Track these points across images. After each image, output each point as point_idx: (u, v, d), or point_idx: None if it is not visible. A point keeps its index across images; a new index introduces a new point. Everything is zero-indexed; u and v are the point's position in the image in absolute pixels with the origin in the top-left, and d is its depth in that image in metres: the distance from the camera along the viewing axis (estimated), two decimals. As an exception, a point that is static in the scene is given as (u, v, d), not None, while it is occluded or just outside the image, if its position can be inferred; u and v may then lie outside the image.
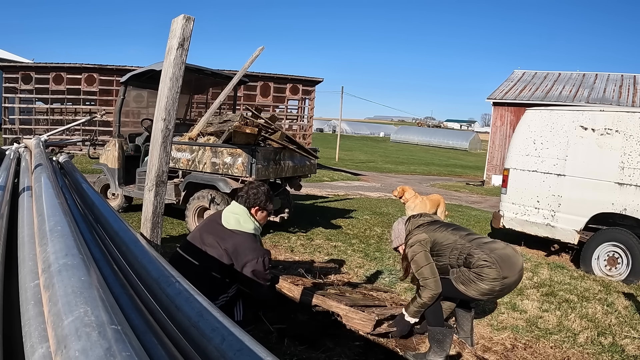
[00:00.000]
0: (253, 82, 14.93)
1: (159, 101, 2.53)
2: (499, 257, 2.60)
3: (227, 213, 2.81)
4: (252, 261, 2.68)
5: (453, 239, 2.74)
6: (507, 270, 2.59)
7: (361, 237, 5.81)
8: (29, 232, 1.43)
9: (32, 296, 0.98)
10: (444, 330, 2.71)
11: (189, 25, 2.46)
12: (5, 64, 16.55)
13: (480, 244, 2.69)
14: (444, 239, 2.76)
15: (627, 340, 3.16)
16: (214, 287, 2.67)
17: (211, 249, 2.68)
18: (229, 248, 2.66)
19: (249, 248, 2.70)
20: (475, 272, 2.62)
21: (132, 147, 6.28)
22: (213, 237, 2.72)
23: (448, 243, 2.74)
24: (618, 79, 18.26)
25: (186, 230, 5.19)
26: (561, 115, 5.45)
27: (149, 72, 5.52)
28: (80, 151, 13.25)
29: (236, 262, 2.68)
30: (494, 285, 2.59)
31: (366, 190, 12.21)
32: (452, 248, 2.73)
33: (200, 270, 2.66)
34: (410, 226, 2.91)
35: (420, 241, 2.77)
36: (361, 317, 2.81)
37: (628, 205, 4.85)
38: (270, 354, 0.97)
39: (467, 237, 2.75)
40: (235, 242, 2.68)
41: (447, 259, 2.75)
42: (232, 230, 2.73)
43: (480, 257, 2.61)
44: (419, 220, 2.92)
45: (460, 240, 2.73)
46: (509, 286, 2.66)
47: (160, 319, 1.30)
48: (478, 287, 2.61)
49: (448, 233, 2.79)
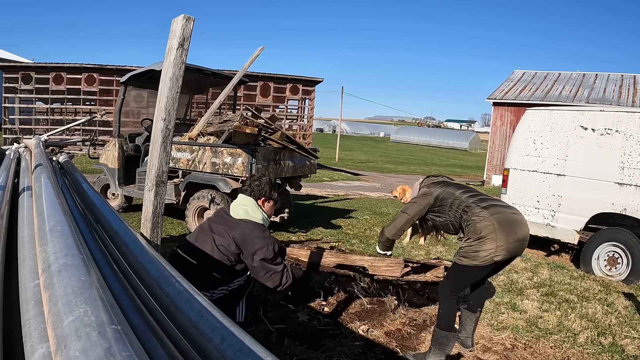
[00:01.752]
0: (253, 82, 14.93)
1: (159, 101, 2.53)
2: (497, 216, 2.59)
3: (235, 205, 2.79)
4: (262, 249, 2.63)
5: (457, 194, 2.77)
6: (505, 231, 2.56)
7: (361, 237, 5.81)
8: (29, 232, 1.43)
9: (32, 296, 0.98)
10: (449, 334, 2.68)
11: (189, 25, 2.46)
12: (5, 64, 16.55)
13: (481, 200, 2.70)
14: (449, 195, 2.79)
15: (627, 340, 3.16)
16: (216, 278, 2.63)
17: (219, 237, 2.65)
18: (237, 237, 2.63)
19: (258, 236, 2.66)
20: (471, 235, 2.60)
21: (132, 147, 6.28)
22: (222, 226, 2.69)
23: (450, 198, 2.77)
24: (618, 79, 18.26)
25: (186, 230, 5.19)
26: (561, 115, 5.45)
27: (149, 72, 5.52)
28: (80, 151, 13.26)
29: (245, 251, 2.64)
30: (491, 248, 2.54)
31: (366, 190, 12.21)
32: (452, 202, 2.76)
33: (206, 258, 2.63)
34: (424, 184, 3.00)
35: (424, 194, 2.88)
36: (388, 263, 2.78)
37: (628, 205, 4.85)
38: (270, 354, 0.97)
39: (472, 195, 2.76)
40: (244, 231, 2.65)
41: (447, 215, 2.79)
42: (241, 220, 2.70)
43: (474, 211, 2.62)
44: (433, 178, 3.01)
45: (463, 195, 2.75)
46: (506, 249, 2.57)
47: (160, 319, 1.30)
48: (478, 255, 2.56)
49: (455, 190, 2.82)
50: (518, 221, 2.69)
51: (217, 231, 2.68)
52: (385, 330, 3.06)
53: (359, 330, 3.01)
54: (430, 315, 3.37)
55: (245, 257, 2.65)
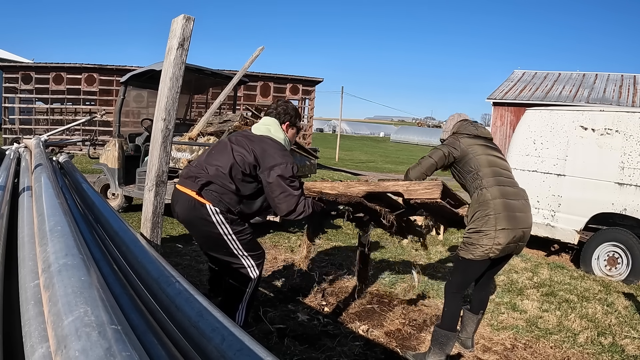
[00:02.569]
0: (253, 82, 14.93)
1: (159, 101, 2.53)
2: (503, 214, 2.55)
3: (257, 125, 2.71)
4: (281, 165, 2.47)
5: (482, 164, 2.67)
6: (505, 231, 2.54)
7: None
8: (29, 232, 1.43)
9: (32, 296, 0.98)
10: (449, 334, 2.66)
11: (189, 25, 2.46)
12: (5, 64, 16.55)
13: (498, 188, 2.61)
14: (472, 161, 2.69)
15: (627, 340, 3.16)
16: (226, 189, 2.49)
17: (238, 147, 2.55)
18: (257, 149, 2.51)
19: (278, 153, 2.53)
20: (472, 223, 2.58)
21: (132, 147, 6.28)
22: (242, 138, 2.61)
23: (472, 169, 2.68)
24: (618, 79, 18.26)
25: (186, 231, 5.18)
26: (561, 116, 5.45)
27: (149, 72, 5.52)
28: (80, 151, 13.25)
29: (263, 164, 2.49)
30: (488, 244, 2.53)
31: (366, 190, 12.19)
32: (473, 175, 2.68)
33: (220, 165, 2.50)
34: (457, 127, 2.83)
35: (450, 143, 2.76)
36: (425, 186, 2.51)
37: (628, 205, 4.85)
38: (270, 354, 0.97)
39: (493, 176, 2.65)
40: (265, 145, 2.54)
41: (465, 181, 2.75)
42: (262, 136, 2.61)
43: (484, 200, 2.57)
44: (468, 128, 2.80)
45: (484, 169, 2.66)
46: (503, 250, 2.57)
47: (160, 319, 1.30)
48: (476, 249, 2.56)
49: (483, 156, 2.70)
50: (521, 221, 2.66)
51: (236, 142, 2.58)
52: (385, 330, 3.06)
53: (359, 330, 3.01)
54: (430, 315, 3.37)
55: (261, 171, 2.49)
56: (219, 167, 2.49)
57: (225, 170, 2.48)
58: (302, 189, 2.63)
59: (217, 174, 2.47)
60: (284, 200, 2.48)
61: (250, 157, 2.50)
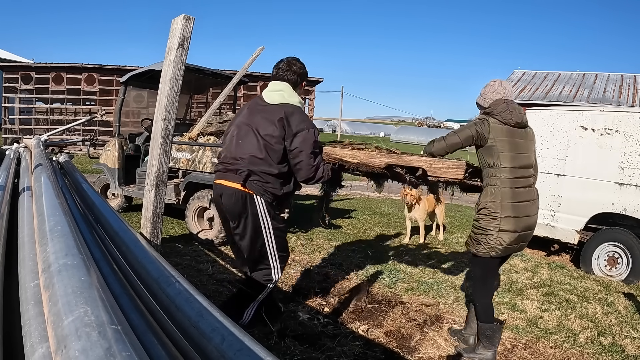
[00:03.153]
0: (253, 82, 14.93)
1: (159, 101, 2.53)
2: (511, 219, 2.56)
3: (269, 93, 2.65)
4: (304, 131, 2.51)
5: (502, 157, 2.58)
6: (509, 234, 2.56)
7: (361, 237, 5.81)
8: (29, 232, 1.44)
9: (32, 296, 0.98)
10: (493, 326, 2.73)
11: (189, 25, 2.46)
12: (5, 63, 16.55)
13: (513, 180, 2.58)
14: (495, 155, 2.59)
15: (627, 340, 3.16)
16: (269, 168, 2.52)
17: (262, 128, 2.52)
18: (280, 120, 2.50)
19: (301, 118, 2.54)
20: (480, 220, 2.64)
21: (132, 147, 6.27)
22: (260, 116, 2.56)
23: (493, 160, 2.60)
24: (618, 79, 18.26)
25: (186, 230, 5.19)
26: (561, 116, 5.45)
27: (149, 72, 5.51)
28: (80, 151, 13.26)
29: (287, 132, 2.51)
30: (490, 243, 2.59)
31: (366, 191, 12.20)
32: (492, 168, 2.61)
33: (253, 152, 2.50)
34: (494, 107, 2.65)
35: (477, 124, 2.62)
36: (449, 165, 2.54)
37: (628, 205, 4.85)
38: (270, 354, 0.97)
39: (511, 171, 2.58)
40: (286, 112, 2.52)
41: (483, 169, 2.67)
42: (279, 105, 2.58)
43: (498, 182, 2.56)
44: (503, 115, 2.61)
45: (504, 163, 2.57)
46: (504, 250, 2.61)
47: (160, 319, 1.30)
48: (479, 246, 2.64)
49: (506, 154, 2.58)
50: (526, 223, 2.65)
51: (257, 123, 2.54)
52: (385, 330, 3.06)
53: (359, 330, 3.01)
54: (430, 315, 3.37)
55: (286, 138, 2.52)
56: (253, 156, 2.50)
57: (261, 155, 2.50)
58: (321, 155, 2.70)
59: (254, 162, 2.50)
60: (305, 166, 2.54)
61: (277, 131, 2.50)
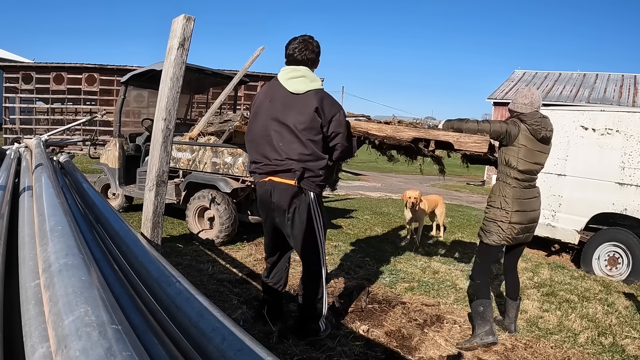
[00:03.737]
0: (254, 82, 14.93)
1: (159, 101, 2.53)
2: (517, 215, 2.86)
3: (290, 81, 2.57)
4: (337, 114, 2.55)
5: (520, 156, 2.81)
6: (517, 213, 2.86)
7: (361, 237, 5.81)
8: (30, 232, 1.44)
9: (33, 296, 0.98)
10: (484, 302, 2.94)
11: (189, 25, 2.46)
12: (6, 63, 16.57)
13: (523, 183, 2.87)
14: (514, 158, 2.82)
15: (628, 340, 3.16)
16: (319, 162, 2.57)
17: (300, 123, 2.50)
18: (314, 110, 2.49)
19: (330, 102, 2.56)
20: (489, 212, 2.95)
21: (132, 146, 6.28)
22: (293, 112, 2.52)
23: (511, 161, 2.84)
24: (619, 79, 18.25)
25: (186, 230, 5.19)
26: (562, 115, 5.45)
27: (150, 72, 5.52)
28: (80, 151, 13.25)
29: (323, 118, 2.53)
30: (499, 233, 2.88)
31: (367, 190, 12.20)
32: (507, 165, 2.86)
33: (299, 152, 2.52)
34: (528, 115, 2.84)
35: (510, 125, 2.82)
36: (475, 140, 2.71)
37: (629, 205, 4.84)
38: (271, 354, 0.97)
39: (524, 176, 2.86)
40: (318, 100, 2.51)
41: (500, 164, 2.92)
42: (307, 92, 2.53)
43: (511, 182, 2.86)
44: (534, 127, 2.81)
45: (518, 164, 2.82)
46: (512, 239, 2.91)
47: (161, 319, 1.30)
48: (490, 235, 2.91)
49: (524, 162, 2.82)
50: (531, 216, 2.95)
51: (293, 120, 2.51)
52: (386, 330, 3.06)
53: (359, 330, 3.01)
54: (431, 315, 3.37)
55: (323, 125, 2.54)
56: (301, 154, 2.52)
57: (307, 151, 2.52)
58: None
59: (303, 159, 2.53)
60: (341, 147, 2.64)
61: (314, 123, 2.51)
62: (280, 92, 2.59)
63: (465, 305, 3.63)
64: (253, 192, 5.25)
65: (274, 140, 2.55)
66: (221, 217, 4.82)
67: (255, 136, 2.66)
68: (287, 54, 2.64)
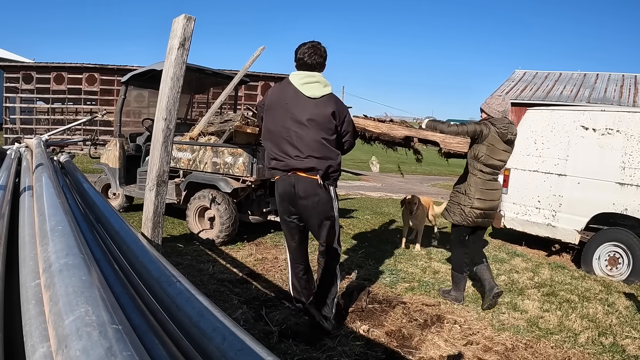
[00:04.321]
0: (254, 82, 14.93)
1: (160, 101, 2.53)
2: (480, 203, 3.45)
3: (307, 86, 2.78)
4: (347, 115, 2.90)
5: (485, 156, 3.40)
6: (479, 200, 3.44)
7: (362, 237, 5.81)
8: (30, 232, 1.44)
9: (33, 296, 0.98)
10: (460, 276, 3.65)
11: (189, 25, 2.46)
12: (7, 63, 16.57)
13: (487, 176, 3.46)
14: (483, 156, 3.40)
15: (628, 340, 3.16)
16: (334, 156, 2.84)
17: (321, 123, 2.75)
18: (330, 112, 2.76)
19: (341, 104, 2.88)
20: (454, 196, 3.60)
21: (133, 146, 6.28)
22: (313, 113, 2.74)
23: (479, 158, 3.41)
24: (619, 79, 18.24)
25: (187, 230, 5.19)
26: (562, 115, 5.44)
27: (150, 71, 5.52)
28: (81, 151, 13.26)
29: (338, 119, 2.82)
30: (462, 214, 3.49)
31: (367, 190, 12.20)
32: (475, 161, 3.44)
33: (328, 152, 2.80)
34: (498, 120, 3.41)
35: (483, 127, 3.37)
36: (458, 141, 3.23)
37: (629, 205, 4.84)
38: (271, 354, 0.97)
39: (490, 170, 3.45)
40: (333, 102, 2.80)
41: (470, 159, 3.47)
42: (323, 97, 2.78)
43: (478, 174, 3.46)
44: (502, 131, 3.36)
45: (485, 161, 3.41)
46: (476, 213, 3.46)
47: (161, 319, 1.30)
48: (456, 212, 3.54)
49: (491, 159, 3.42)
50: (491, 203, 3.50)
51: (315, 124, 2.74)
52: (386, 330, 3.06)
53: (359, 330, 3.01)
54: (431, 315, 3.37)
55: (337, 126, 2.84)
56: (325, 155, 2.78)
57: (329, 152, 2.80)
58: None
59: (327, 158, 2.79)
60: (349, 144, 3.02)
61: (332, 124, 2.80)
62: (297, 96, 2.78)
63: (466, 305, 3.64)
64: (253, 192, 5.25)
65: (295, 141, 2.76)
66: (221, 217, 4.82)
67: (275, 136, 2.85)
68: (297, 58, 2.84)
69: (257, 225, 5.37)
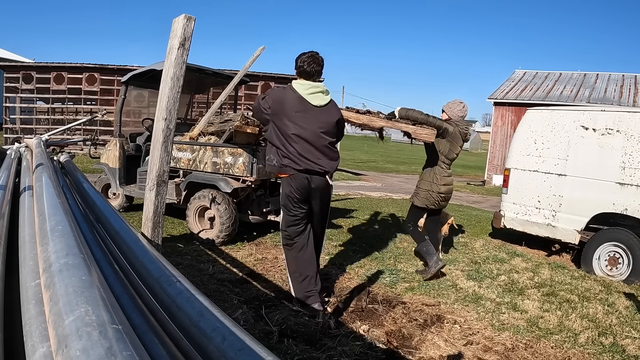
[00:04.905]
0: (254, 81, 14.94)
1: (160, 101, 2.53)
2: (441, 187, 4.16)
3: (313, 96, 3.16)
4: (342, 120, 3.46)
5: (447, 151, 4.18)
6: (438, 188, 4.17)
7: (362, 237, 5.81)
8: (30, 232, 1.44)
9: (33, 295, 0.98)
10: (424, 244, 4.22)
11: (190, 25, 2.46)
12: (7, 63, 16.57)
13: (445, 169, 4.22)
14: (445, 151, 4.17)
15: (628, 340, 3.16)
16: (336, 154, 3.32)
17: (332, 129, 3.24)
18: (336, 122, 3.27)
19: (339, 110, 3.40)
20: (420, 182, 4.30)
21: (133, 146, 6.28)
22: (322, 120, 3.16)
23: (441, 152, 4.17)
24: (619, 79, 18.24)
25: (187, 230, 5.19)
26: (562, 115, 5.45)
27: (150, 71, 5.52)
28: (81, 151, 13.26)
29: (340, 125, 3.37)
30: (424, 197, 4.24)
31: (367, 190, 12.20)
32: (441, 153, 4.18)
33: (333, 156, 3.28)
34: (458, 120, 4.19)
35: (449, 125, 4.10)
36: (427, 132, 3.83)
37: (629, 205, 4.84)
38: (271, 354, 0.97)
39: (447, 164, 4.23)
40: (336, 110, 3.30)
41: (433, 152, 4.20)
42: (328, 104, 3.24)
43: (437, 169, 4.20)
44: (462, 130, 4.14)
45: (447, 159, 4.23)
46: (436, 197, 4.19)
47: (161, 319, 1.30)
48: (420, 196, 4.25)
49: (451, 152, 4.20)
50: (448, 190, 4.22)
51: (325, 131, 3.18)
52: (386, 330, 3.06)
53: (359, 330, 3.01)
54: (431, 315, 3.37)
55: (338, 129, 3.35)
56: (331, 156, 3.23)
57: (333, 154, 3.26)
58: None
59: (333, 158, 3.26)
60: (338, 141, 3.39)
61: (336, 129, 3.31)
62: (304, 105, 3.14)
63: (466, 305, 3.64)
64: (253, 192, 5.25)
65: (307, 145, 3.12)
66: (221, 217, 4.82)
67: (288, 140, 3.14)
68: (298, 66, 3.20)
69: (257, 225, 5.37)
